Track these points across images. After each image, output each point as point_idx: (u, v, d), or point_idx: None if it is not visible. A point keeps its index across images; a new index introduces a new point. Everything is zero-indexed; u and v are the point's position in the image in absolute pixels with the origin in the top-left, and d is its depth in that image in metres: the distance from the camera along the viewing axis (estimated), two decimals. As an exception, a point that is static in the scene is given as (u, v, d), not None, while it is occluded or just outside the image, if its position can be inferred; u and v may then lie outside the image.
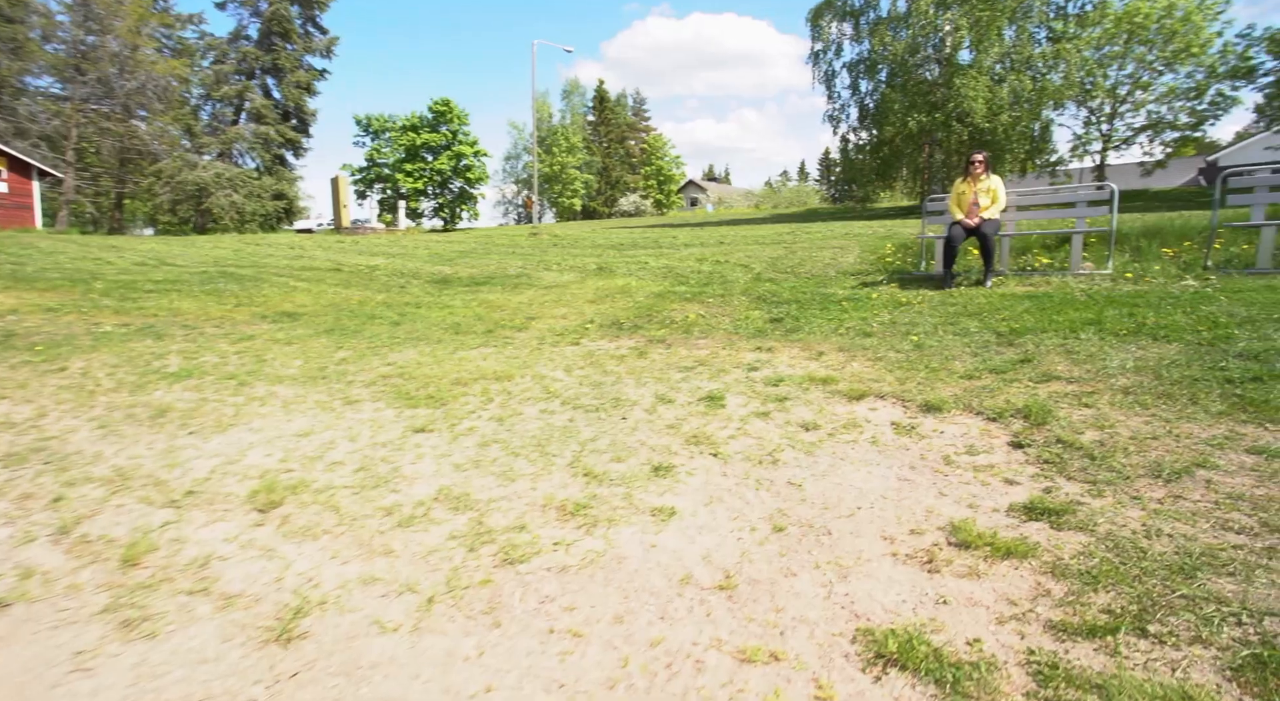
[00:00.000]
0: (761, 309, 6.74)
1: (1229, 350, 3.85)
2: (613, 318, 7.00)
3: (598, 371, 5.09)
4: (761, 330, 5.98)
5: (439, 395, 4.55)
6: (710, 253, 10.47)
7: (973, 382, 3.99)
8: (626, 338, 6.23)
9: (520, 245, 15.46)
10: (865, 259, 8.45)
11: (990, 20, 21.71)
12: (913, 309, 5.99)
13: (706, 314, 6.79)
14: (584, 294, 8.30)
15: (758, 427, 3.67)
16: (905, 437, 3.39)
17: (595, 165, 60.53)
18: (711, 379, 4.66)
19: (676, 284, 8.44)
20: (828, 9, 25.70)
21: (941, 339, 4.98)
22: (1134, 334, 4.40)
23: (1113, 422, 3.15)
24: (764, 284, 7.83)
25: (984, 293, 6.12)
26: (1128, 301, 5.16)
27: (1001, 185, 6.55)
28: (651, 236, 15.34)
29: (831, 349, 5.14)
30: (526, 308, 7.82)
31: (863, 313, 6.07)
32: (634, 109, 69.01)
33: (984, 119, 21.84)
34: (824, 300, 6.77)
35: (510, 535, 2.55)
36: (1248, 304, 4.70)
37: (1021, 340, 4.66)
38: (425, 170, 39.79)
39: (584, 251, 12.72)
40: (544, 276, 9.71)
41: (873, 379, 4.29)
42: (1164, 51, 25.57)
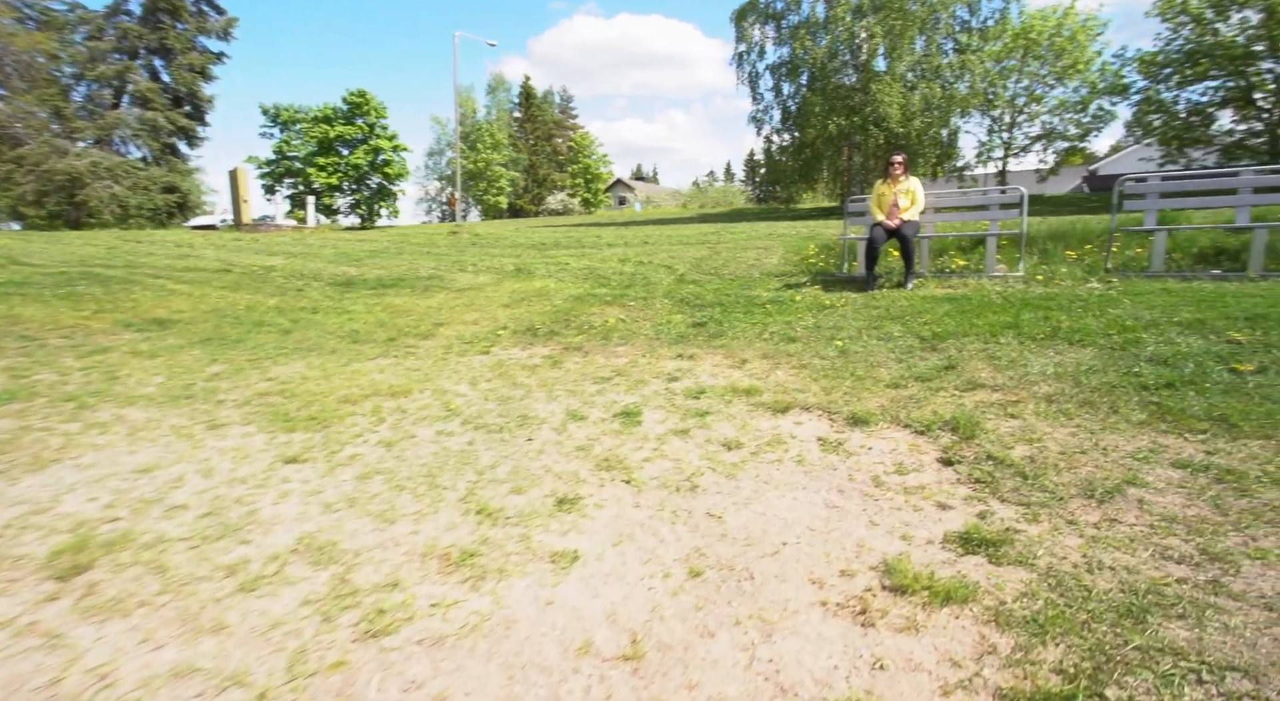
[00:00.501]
0: (684, 312, 6.48)
1: (1140, 354, 3.84)
2: (528, 323, 6.57)
3: (506, 384, 4.68)
4: (684, 335, 5.71)
5: (322, 416, 4.02)
6: (634, 253, 10.17)
7: (899, 392, 3.83)
8: (541, 345, 5.83)
9: (437, 244, 14.70)
10: (789, 260, 8.35)
11: (903, 29, 22.48)
12: (837, 312, 5.87)
13: (627, 318, 6.47)
14: (499, 297, 7.82)
15: (676, 448, 3.36)
16: (832, 455, 3.16)
17: (522, 163, 59.34)
18: (629, 391, 4.34)
19: (597, 286, 8.08)
20: (751, 10, 25.97)
21: (866, 344, 4.84)
22: (1050, 338, 4.37)
23: (1040, 435, 3.02)
24: (687, 286, 7.59)
25: (906, 295, 6.08)
26: (1041, 304, 5.18)
27: (920, 187, 6.55)
28: (575, 236, 14.90)
29: (755, 356, 4.91)
30: (435, 313, 7.27)
31: (787, 316, 5.90)
32: (561, 106, 68.16)
33: (899, 124, 22.59)
34: (748, 303, 6.57)
35: (379, 596, 2.13)
36: (1149, 306, 4.78)
37: (945, 345, 4.56)
38: (340, 165, 37.72)
39: (504, 251, 12.17)
40: (458, 278, 9.14)
41: (798, 389, 4.08)
42: (1054, 66, 27.27)
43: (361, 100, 37.43)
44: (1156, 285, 5.39)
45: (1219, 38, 21.48)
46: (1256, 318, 4.12)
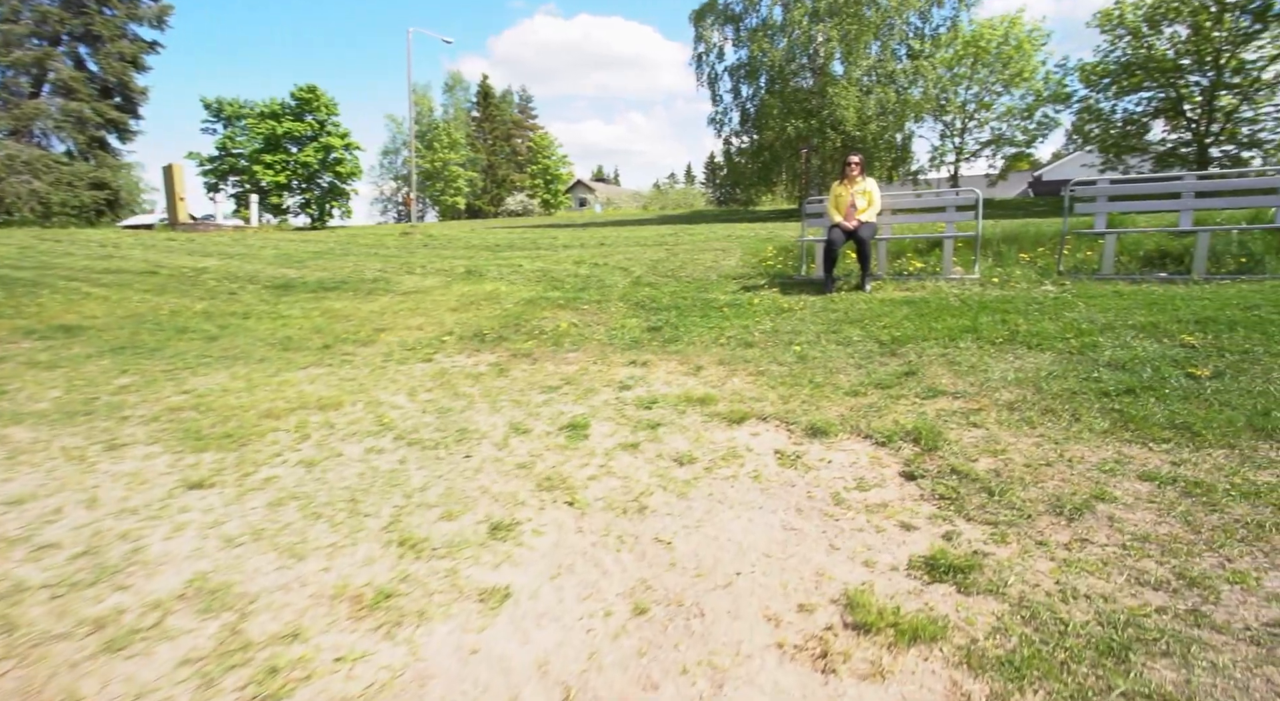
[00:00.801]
0: (639, 316, 6.26)
1: (1098, 359, 3.77)
2: (475, 328, 6.26)
3: (448, 394, 4.38)
4: (638, 340, 5.49)
5: (239, 433, 3.67)
6: (590, 255, 9.91)
7: (859, 400, 3.67)
8: (488, 352, 5.53)
9: (386, 245, 14.17)
10: (747, 262, 8.22)
11: (858, 34, 22.78)
12: (795, 315, 5.73)
13: (580, 322, 6.22)
14: (446, 301, 7.47)
15: (625, 464, 3.13)
16: (790, 470, 2.98)
17: (480, 163, 58.39)
18: (578, 401, 4.09)
19: (550, 289, 7.80)
20: (710, 11, 25.98)
21: (825, 349, 4.70)
22: (1009, 342, 4.29)
23: (1004, 446, 2.89)
24: (643, 289, 7.38)
25: (864, 298, 5.98)
26: (999, 307, 5.13)
27: (877, 188, 6.47)
28: (531, 237, 14.56)
29: (711, 362, 4.72)
30: (378, 317, 6.89)
31: (744, 320, 5.74)
32: (520, 106, 67.36)
33: (855, 127, 22.87)
34: (704, 306, 6.39)
35: (274, 650, 1.84)
36: (1104, 310, 4.76)
37: (904, 349, 4.44)
38: (288, 162, 36.36)
39: (455, 252, 11.77)
40: (404, 281, 8.75)
41: (754, 397, 3.89)
42: (1002, 74, 28.13)
43: (311, 96, 36.21)
44: (1108, 288, 5.40)
45: (1153, 51, 22.38)
46: (1205, 321, 4.11)
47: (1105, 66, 23.66)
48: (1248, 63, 21.17)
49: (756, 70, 25.27)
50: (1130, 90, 23.35)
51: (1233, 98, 22.04)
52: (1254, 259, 5.64)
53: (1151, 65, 22.27)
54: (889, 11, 23.30)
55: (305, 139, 36.78)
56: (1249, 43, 20.96)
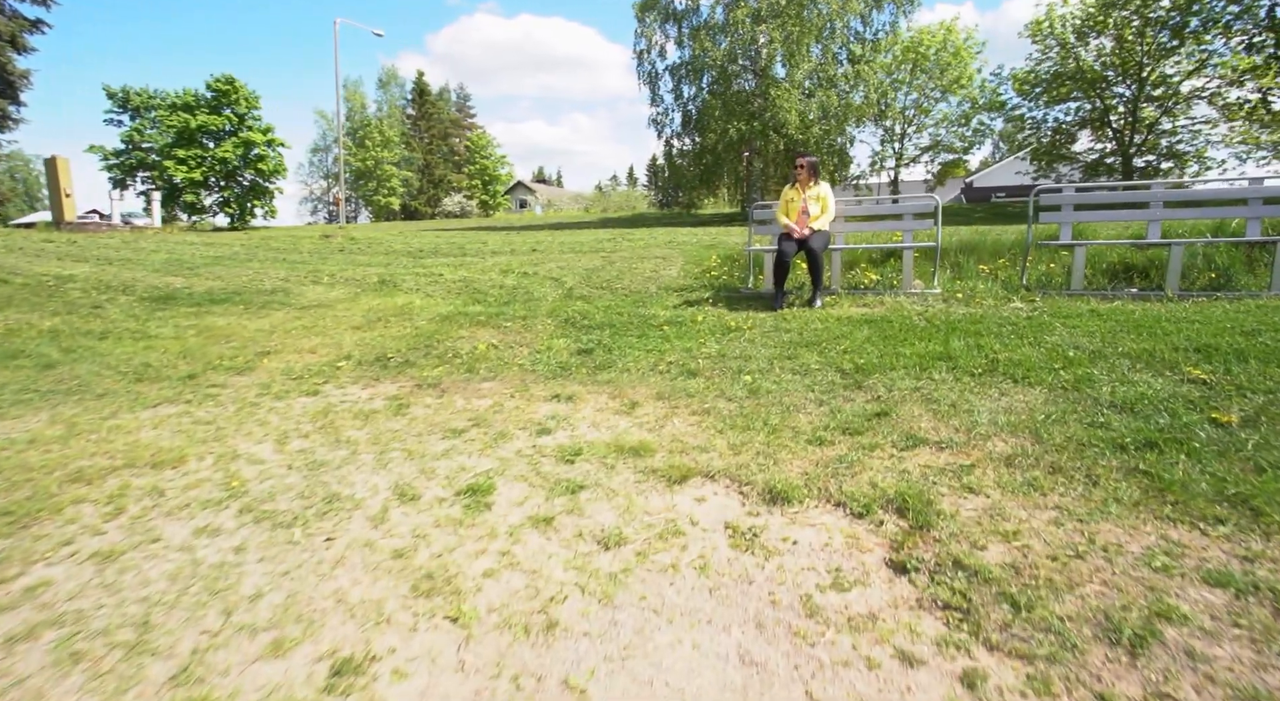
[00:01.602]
0: (569, 336, 5.51)
1: (1098, 398, 3.25)
2: (379, 350, 5.39)
3: (327, 442, 3.55)
4: (565, 366, 4.75)
5: (26, 508, 2.76)
6: (520, 263, 9.09)
7: (825, 451, 3.03)
8: (389, 381, 4.69)
9: (300, 249, 12.94)
10: (689, 272, 7.58)
11: (800, 37, 22.61)
12: (743, 336, 5.09)
13: (501, 343, 5.43)
14: (351, 316, 6.54)
15: (533, 549, 2.39)
16: (747, 555, 2.30)
17: (416, 162, 56.37)
18: (485, 451, 3.32)
19: (471, 302, 6.96)
20: (653, 6, 25.41)
21: (779, 379, 4.06)
22: (989, 373, 3.75)
23: (1015, 525, 2.28)
24: (575, 302, 6.63)
25: (819, 315, 5.40)
26: (969, 328, 4.62)
27: (831, 193, 5.93)
28: (459, 242, 13.58)
29: (648, 395, 4.02)
30: (266, 337, 5.91)
31: (687, 341, 5.07)
32: (458, 104, 65.53)
33: (797, 130, 22.69)
34: (643, 324, 5.70)
35: None
36: (1086, 333, 4.29)
37: (871, 381, 3.85)
38: (204, 158, 33.90)
39: (374, 259, 10.73)
40: (307, 292, 7.74)
41: (700, 446, 3.21)
42: (940, 81, 28.67)
43: (229, 88, 33.87)
44: (1082, 306, 4.97)
45: (1080, 62, 23.09)
46: (1207, 349, 3.66)
47: (1036, 75, 24.29)
48: (1168, 77, 22.06)
49: (699, 70, 24.86)
50: (1060, 100, 24.04)
51: (1154, 110, 22.93)
52: (1223, 274, 5.34)
53: (1080, 76, 22.96)
54: (830, 15, 23.25)
55: (223, 133, 34.38)
56: (1168, 58, 21.84)
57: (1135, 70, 22.15)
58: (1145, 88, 22.37)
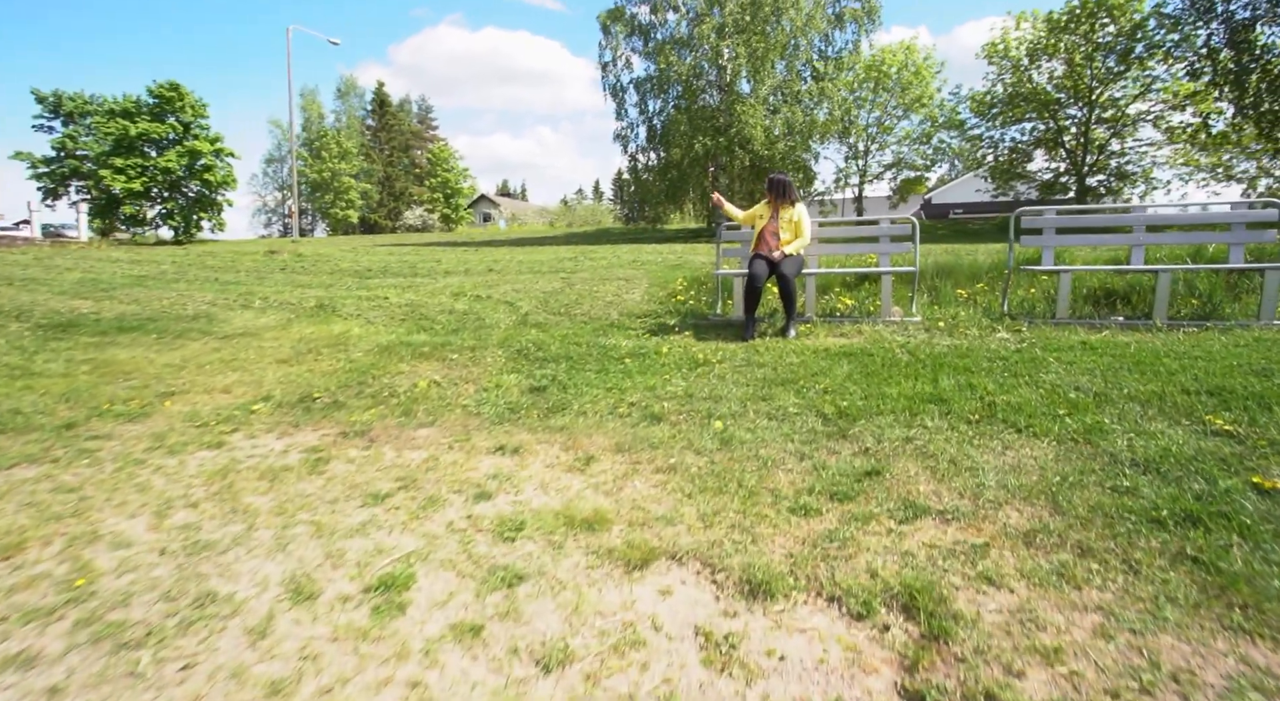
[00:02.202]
0: (520, 371, 4.98)
1: (1115, 453, 2.86)
2: (304, 389, 4.77)
3: (220, 513, 2.95)
4: (514, 408, 4.21)
5: None
6: (473, 284, 8.52)
7: (811, 524, 2.56)
8: (310, 427, 4.09)
9: (238, 268, 12.11)
10: (653, 296, 7.12)
11: (765, 53, 22.60)
12: (712, 371, 4.63)
13: (444, 380, 4.86)
14: (279, 348, 5.89)
15: (453, 677, 1.86)
16: (722, 680, 1.81)
17: (376, 174, 55.10)
18: (410, 523, 2.77)
19: (416, 330, 6.37)
20: (619, 18, 25.17)
21: (754, 426, 3.60)
22: (987, 419, 3.35)
23: (1053, 634, 1.83)
24: (530, 331, 6.10)
25: (794, 347, 4.98)
26: (957, 364, 4.23)
27: (806, 215, 5.54)
28: (412, 260, 12.90)
29: (606, 446, 3.51)
30: (174, 373, 5.23)
31: (650, 378, 4.58)
32: (420, 116, 64.48)
33: (763, 146, 22.61)
34: (602, 356, 5.20)
35: None
36: (1084, 370, 3.95)
37: (856, 428, 3.41)
38: (145, 168, 32.34)
39: (317, 279, 10.02)
40: (234, 318, 7.03)
41: (665, 516, 2.71)
42: (902, 99, 29.08)
43: (173, 94, 32.46)
44: (1071, 336, 4.65)
45: (1034, 84, 23.61)
46: (1219, 392, 3.32)
47: (993, 96, 24.76)
48: (1116, 100, 22.68)
49: (665, 85, 24.67)
50: (1015, 120, 24.53)
51: (1103, 132, 23.55)
52: (1206, 301, 5.10)
53: (1034, 97, 23.47)
54: (794, 31, 23.32)
55: (167, 142, 32.92)
56: (1116, 81, 22.46)
57: (1086, 93, 22.72)
58: (1095, 110, 22.96)
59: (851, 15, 24.40)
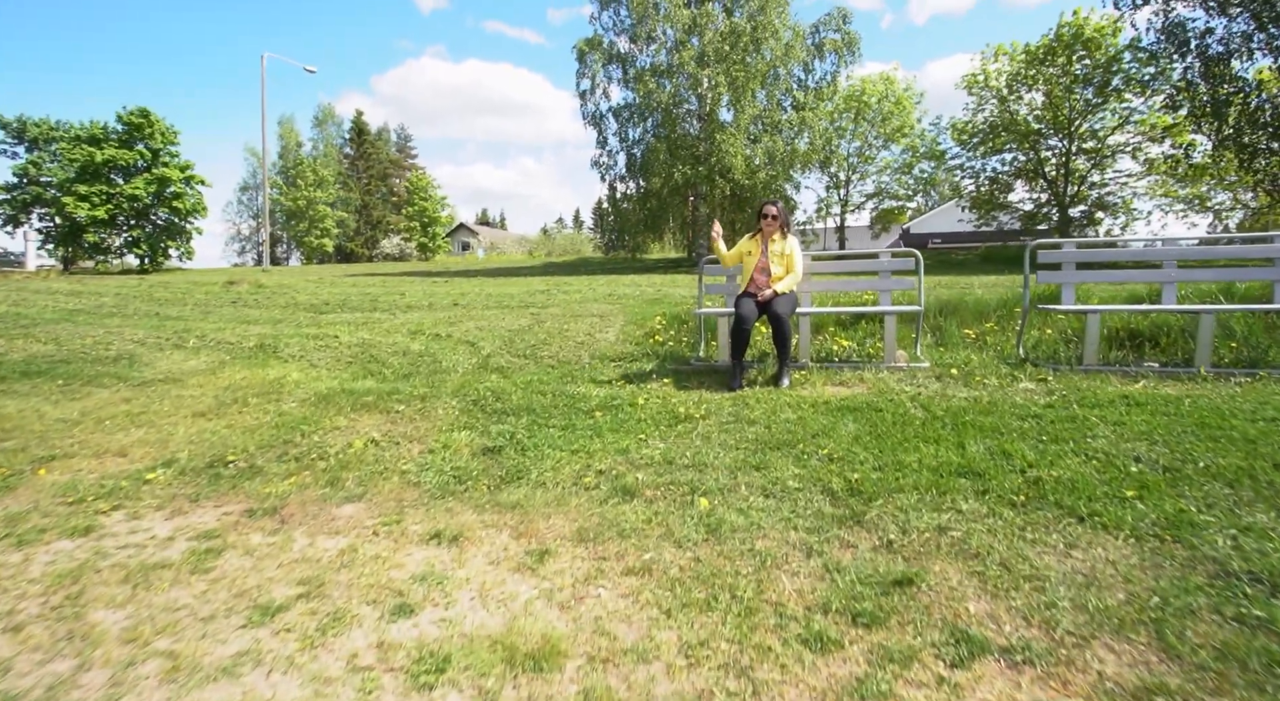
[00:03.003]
0: (474, 427, 4.29)
1: (1219, 558, 2.23)
2: (218, 450, 4.04)
3: (50, 637, 2.25)
4: (461, 476, 3.52)
5: None
6: (435, 320, 7.83)
7: (831, 667, 1.89)
8: (212, 502, 3.36)
9: (188, 300, 11.30)
10: (629, 336, 6.48)
11: (745, 82, 22.48)
12: (695, 430, 3.98)
13: (385, 438, 4.16)
14: (200, 397, 5.14)
15: None
16: None
17: (354, 203, 54.41)
18: (299, 657, 2.06)
19: (363, 375, 5.66)
20: (596, 47, 25.00)
21: (747, 506, 2.94)
22: (1035, 501, 2.72)
23: None
24: (490, 377, 5.41)
25: (789, 399, 4.34)
26: (983, 423, 3.62)
27: (799, 249, 4.97)
28: (376, 292, 12.18)
29: (566, 533, 2.83)
30: (64, 431, 4.46)
31: (623, 438, 3.91)
32: (399, 145, 64.19)
33: (743, 175, 22.34)
34: (570, 408, 4.53)
35: None
36: (1139, 434, 3.33)
37: (873, 511, 2.76)
38: (111, 195, 31.39)
39: (268, 313, 9.27)
40: (160, 360, 6.26)
41: (635, 648, 2.03)
42: (883, 129, 29.21)
43: (143, 121, 31.69)
44: (1105, 388, 4.07)
45: (1015, 115, 23.74)
46: (1317, 467, 2.73)
47: (974, 125, 24.87)
48: (1096, 131, 22.83)
49: (644, 113, 24.44)
50: (996, 151, 24.61)
51: (1084, 163, 23.67)
52: (1245, 344, 4.58)
53: (1014, 128, 23.57)
54: (774, 61, 23.27)
55: (135, 169, 32.06)
56: (1094, 113, 22.63)
57: (1065, 124, 22.86)
58: (1075, 141, 23.09)
59: (831, 46, 24.47)
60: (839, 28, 24.57)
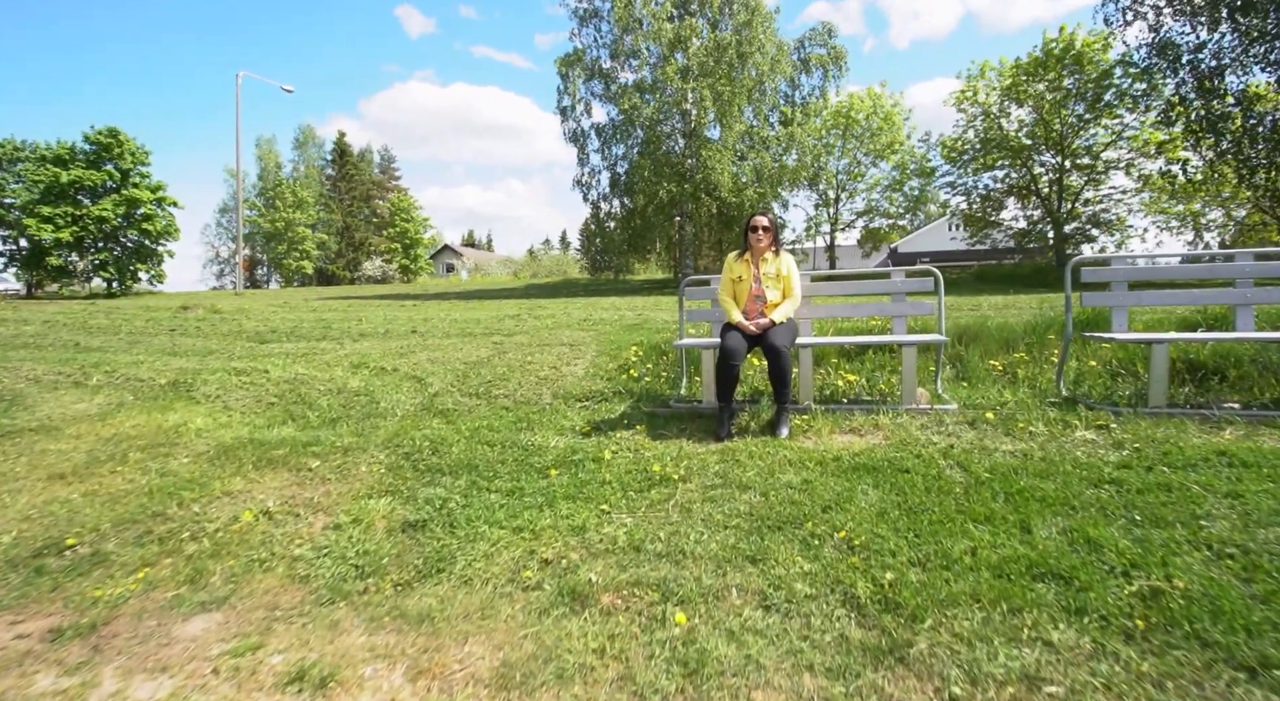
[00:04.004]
0: (398, 491, 3.40)
1: None
2: (58, 529, 3.12)
3: None
4: (366, 568, 2.64)
5: None
6: (385, 351, 6.93)
7: None
8: (9, 617, 2.45)
9: (123, 329, 10.32)
10: (601, 368, 5.62)
11: (731, 97, 21.94)
12: (673, 497, 3.11)
13: (283, 508, 3.25)
14: (71, 452, 4.22)
15: None
16: None
17: (335, 225, 53.50)
18: None
19: (282, 420, 4.77)
20: (576, 63, 24.44)
21: (740, 625, 2.08)
22: (1163, 632, 1.87)
23: None
24: (432, 421, 4.53)
25: (789, 454, 3.49)
26: (1044, 492, 2.78)
27: (796, 268, 4.17)
28: (332, 317, 11.26)
29: (483, 672, 1.96)
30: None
31: (581, 509, 3.04)
32: (382, 166, 63.53)
33: (730, 193, 21.70)
34: (520, 465, 3.65)
35: None
36: (1273, 512, 2.50)
37: (920, 639, 1.91)
38: (77, 217, 30.38)
39: (204, 343, 8.33)
40: (47, 402, 5.34)
41: None
42: (872, 145, 28.80)
43: (112, 141, 30.84)
44: (1190, 439, 3.25)
45: (1005, 132, 23.35)
46: None
47: (965, 142, 24.46)
48: (1089, 147, 22.44)
49: (627, 130, 23.83)
50: (988, 167, 24.18)
51: (1077, 179, 23.26)
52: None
53: (1005, 145, 23.16)
54: (760, 76, 22.78)
55: (103, 190, 31.12)
56: (1086, 129, 22.27)
57: (1057, 140, 22.46)
58: (1068, 157, 22.68)
59: (818, 61, 24.06)
60: (825, 42, 24.21)
